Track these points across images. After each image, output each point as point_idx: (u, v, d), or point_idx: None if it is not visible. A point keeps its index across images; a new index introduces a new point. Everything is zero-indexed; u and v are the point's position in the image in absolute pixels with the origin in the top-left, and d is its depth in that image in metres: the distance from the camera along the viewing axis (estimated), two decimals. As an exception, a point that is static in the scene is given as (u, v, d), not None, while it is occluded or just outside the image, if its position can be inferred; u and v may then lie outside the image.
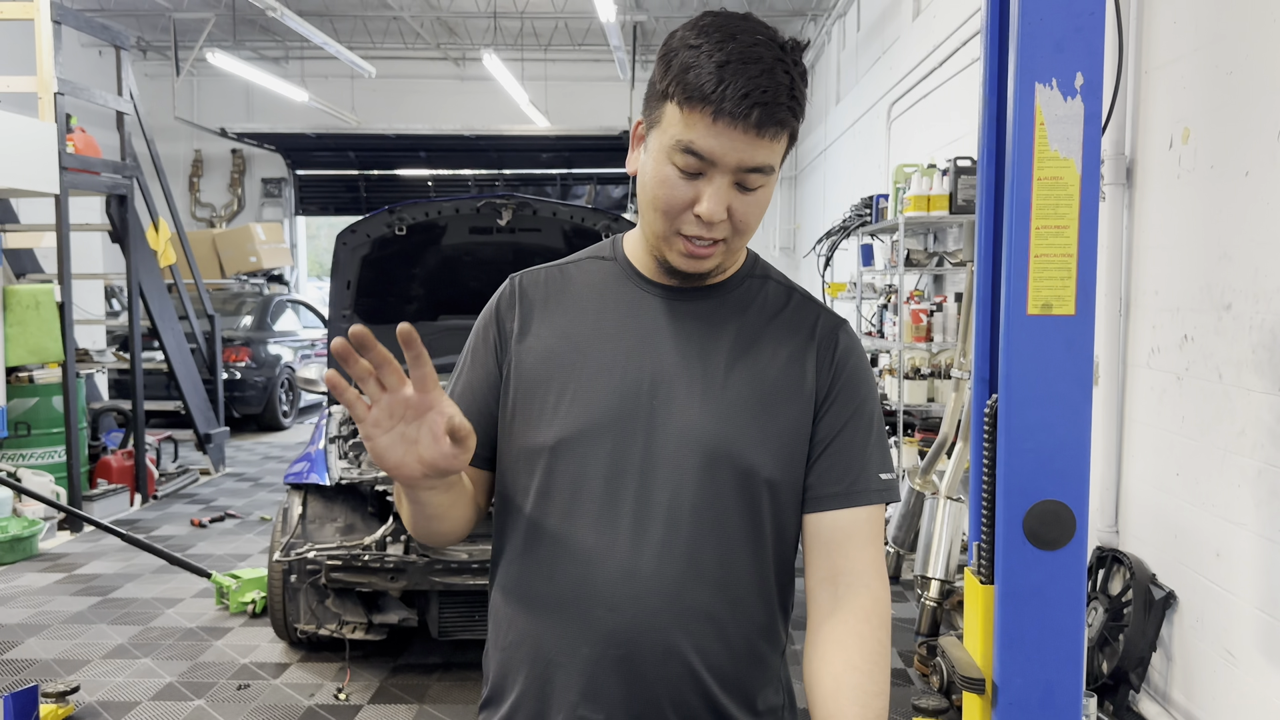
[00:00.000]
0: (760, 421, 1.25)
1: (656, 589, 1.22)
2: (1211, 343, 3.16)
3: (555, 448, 1.25)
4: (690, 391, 1.25)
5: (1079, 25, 1.96)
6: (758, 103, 1.11)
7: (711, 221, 1.18)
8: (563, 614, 1.24)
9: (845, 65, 10.90)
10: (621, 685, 1.23)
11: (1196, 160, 3.25)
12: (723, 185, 1.17)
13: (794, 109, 1.17)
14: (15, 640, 4.47)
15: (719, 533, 1.24)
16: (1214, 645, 3.14)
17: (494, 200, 4.23)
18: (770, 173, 1.19)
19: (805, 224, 13.76)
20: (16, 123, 5.97)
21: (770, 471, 1.25)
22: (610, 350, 1.28)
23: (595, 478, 1.24)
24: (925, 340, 5.72)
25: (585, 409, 1.25)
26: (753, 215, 1.21)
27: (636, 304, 1.31)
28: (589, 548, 1.23)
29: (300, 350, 11.29)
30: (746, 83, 1.11)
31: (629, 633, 1.21)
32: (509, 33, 14.13)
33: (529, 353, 1.30)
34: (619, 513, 1.23)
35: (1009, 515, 2.07)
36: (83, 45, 12.62)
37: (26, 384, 6.53)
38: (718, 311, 1.30)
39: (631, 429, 1.24)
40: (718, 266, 1.26)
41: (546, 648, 1.26)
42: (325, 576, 3.81)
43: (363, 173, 16.25)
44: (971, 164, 4.96)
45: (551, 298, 1.34)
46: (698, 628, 1.23)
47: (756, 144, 1.15)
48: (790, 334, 1.31)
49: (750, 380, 1.26)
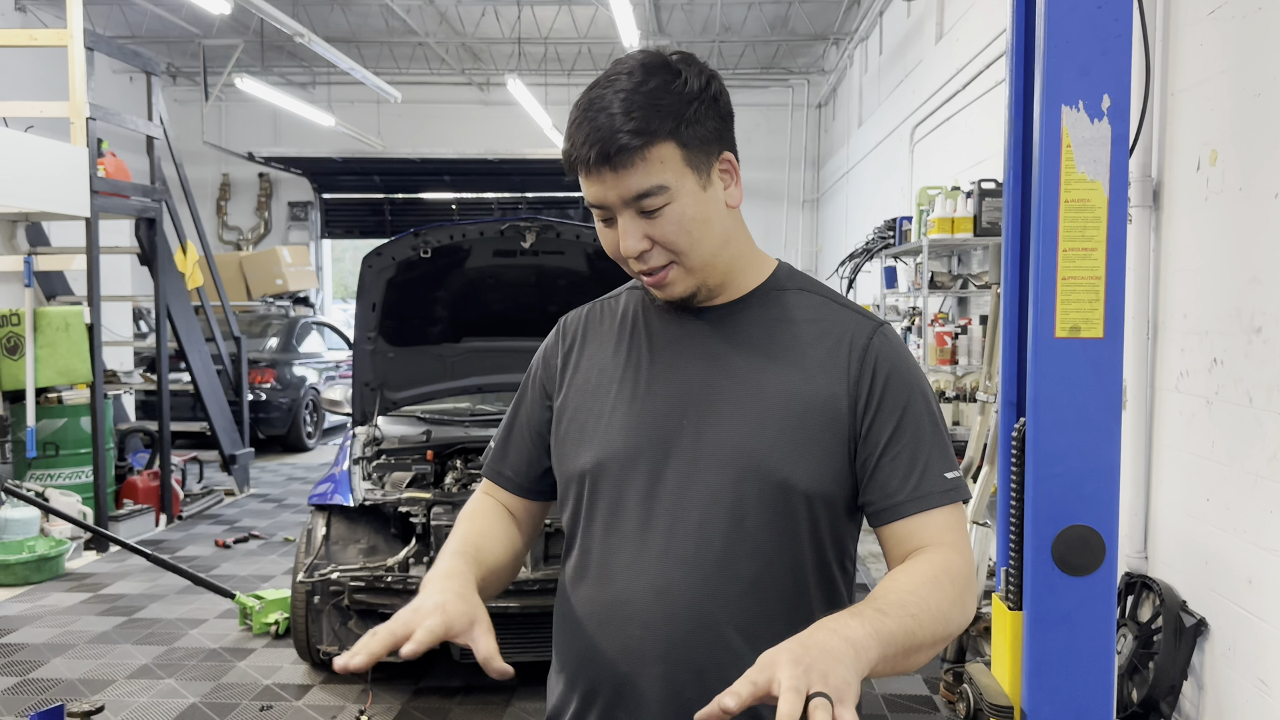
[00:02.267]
0: (793, 434, 1.25)
1: (689, 606, 1.23)
2: (1241, 366, 3.12)
3: (593, 471, 1.30)
4: (720, 410, 1.27)
5: (1105, 48, 1.96)
6: (593, 144, 1.18)
7: (631, 255, 1.23)
8: (602, 634, 1.28)
9: (868, 89, 10.91)
10: (660, 702, 1.24)
11: (1225, 182, 3.23)
12: (627, 222, 1.22)
13: (639, 126, 1.17)
14: (41, 659, 4.50)
15: (752, 548, 1.24)
16: (1246, 674, 3.09)
17: (518, 223, 4.25)
18: (660, 192, 1.19)
19: (828, 246, 13.75)
20: (49, 147, 6.07)
21: (808, 484, 1.24)
22: (642, 375, 1.32)
23: (631, 499, 1.28)
24: (950, 363, 5.68)
25: (620, 433, 1.30)
26: (673, 234, 1.22)
27: (665, 327, 1.34)
28: (625, 567, 1.27)
29: (325, 372, 11.36)
30: (588, 130, 1.19)
31: (663, 649, 1.23)
32: (533, 58, 14.24)
33: (571, 387, 1.37)
34: (653, 532, 1.26)
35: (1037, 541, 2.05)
36: (114, 71, 12.83)
37: (55, 405, 6.61)
38: (744, 327, 1.31)
39: (665, 450, 1.27)
40: (699, 286, 1.28)
41: (590, 667, 1.29)
42: (348, 598, 3.81)
43: (387, 196, 16.40)
44: (996, 186, 4.95)
45: (590, 332, 1.41)
46: (733, 643, 1.23)
47: (618, 177, 1.19)
48: (822, 344, 1.29)
49: (782, 393, 1.26)
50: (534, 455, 1.43)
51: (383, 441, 4.56)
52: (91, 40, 6.59)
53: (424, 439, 4.55)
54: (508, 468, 1.46)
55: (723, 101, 1.25)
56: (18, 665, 4.42)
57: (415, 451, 4.47)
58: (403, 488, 4.17)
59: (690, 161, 1.20)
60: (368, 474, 4.33)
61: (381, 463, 4.41)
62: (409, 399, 4.99)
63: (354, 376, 4.81)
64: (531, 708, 3.94)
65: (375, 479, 4.29)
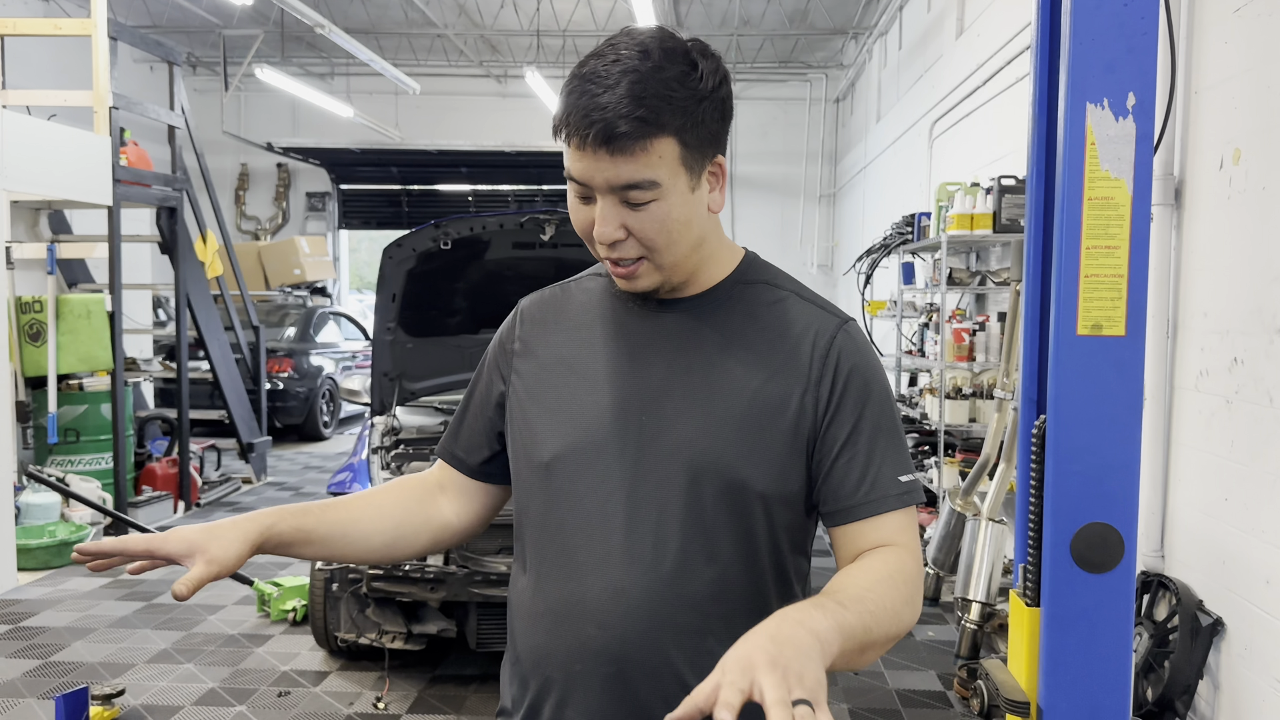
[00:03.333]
0: (749, 434, 1.22)
1: (645, 606, 1.21)
2: (1262, 366, 3.11)
3: (550, 465, 1.27)
4: (678, 406, 1.24)
5: (1131, 45, 1.96)
6: (596, 122, 1.10)
7: (605, 242, 1.18)
8: (557, 631, 1.25)
9: (886, 83, 10.87)
10: (614, 702, 1.22)
11: (1248, 181, 3.22)
12: (607, 207, 1.16)
13: (647, 116, 1.11)
14: (62, 643, 4.55)
15: (708, 548, 1.22)
16: (1263, 674, 3.08)
17: (538, 215, 4.26)
18: (650, 187, 1.14)
19: (844, 242, 13.72)
20: (72, 136, 6.13)
21: (763, 485, 1.22)
22: (600, 368, 1.29)
23: (587, 495, 1.25)
24: (967, 360, 5.67)
25: (577, 426, 1.27)
26: (652, 231, 1.17)
27: (624, 320, 1.31)
28: (580, 565, 1.24)
29: (341, 362, 11.41)
30: (587, 102, 1.11)
31: (619, 649, 1.21)
32: (551, 50, 14.25)
33: (528, 373, 1.33)
34: (609, 530, 1.23)
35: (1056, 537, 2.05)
36: (134, 61, 12.89)
37: (77, 391, 6.66)
38: (705, 322, 1.28)
39: (621, 446, 1.24)
40: (663, 283, 1.24)
41: (544, 664, 1.27)
42: (366, 585, 3.84)
43: (404, 188, 16.42)
44: (1016, 183, 4.93)
45: (549, 318, 1.37)
46: (689, 643, 1.21)
47: (613, 162, 1.12)
48: (784, 341, 1.26)
49: (739, 392, 1.23)
50: (486, 438, 1.40)
51: (401, 431, 4.59)
52: (115, 30, 6.63)
53: (441, 429, 4.57)
54: (459, 449, 1.43)
55: (729, 104, 1.21)
56: (39, 648, 4.48)
57: (433, 441, 4.50)
58: (421, 477, 4.20)
59: (686, 161, 1.16)
60: (386, 463, 4.36)
61: (400, 452, 4.44)
62: (427, 389, 5.02)
63: (373, 366, 4.84)
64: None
65: (393, 468, 4.32)
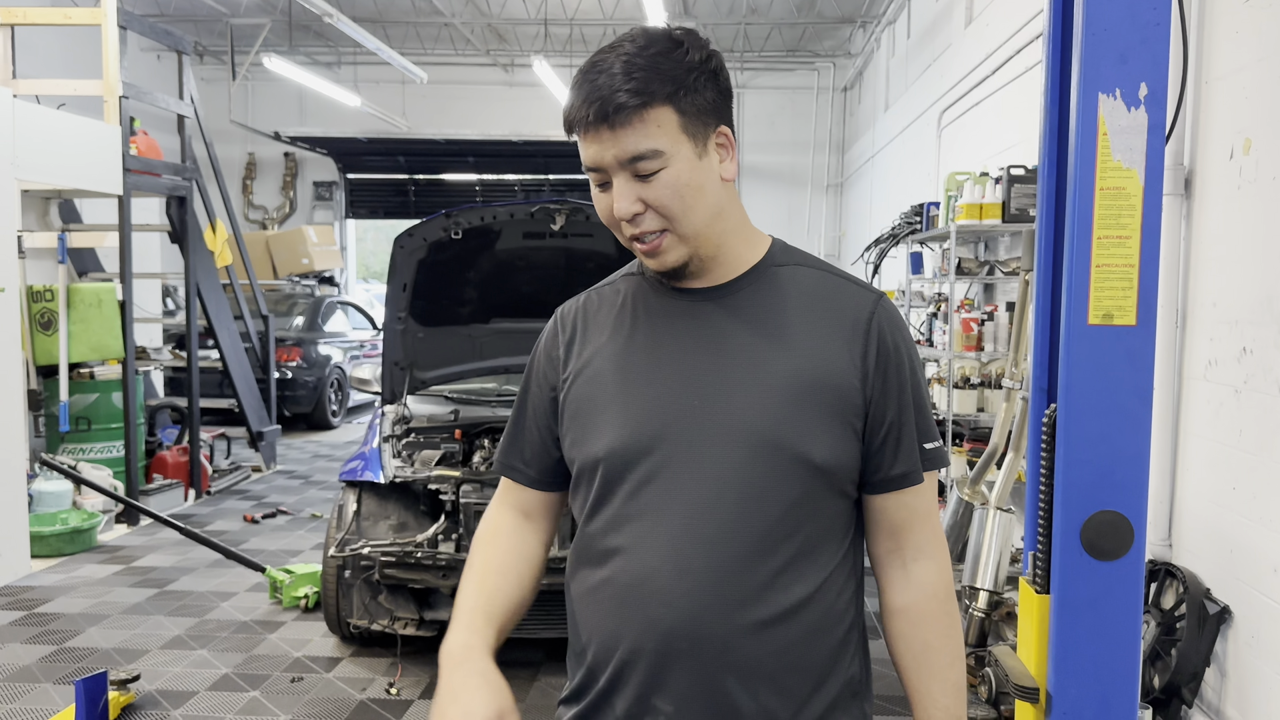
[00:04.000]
0: (805, 408, 1.28)
1: (710, 583, 1.25)
2: (1271, 356, 3.12)
3: (607, 458, 1.32)
4: (731, 388, 1.29)
5: (1144, 36, 1.96)
6: (593, 101, 1.21)
7: (623, 217, 1.25)
8: (626, 614, 1.29)
9: (894, 72, 10.85)
10: (688, 676, 1.26)
11: (1258, 171, 3.22)
12: (621, 184, 1.24)
13: (638, 87, 1.20)
14: (77, 629, 4.60)
15: (769, 521, 1.27)
16: (1270, 662, 3.10)
17: (548, 205, 4.27)
18: (655, 156, 1.22)
19: (851, 231, 13.71)
20: (83, 125, 6.15)
21: (822, 457, 1.28)
22: (649, 359, 1.34)
23: (648, 482, 1.29)
24: (976, 349, 5.68)
25: (632, 419, 1.31)
26: (666, 198, 1.24)
27: (667, 311, 1.36)
28: (645, 549, 1.28)
29: (350, 351, 11.45)
30: (588, 90, 1.22)
31: (689, 626, 1.25)
32: (558, 39, 14.23)
33: (576, 377, 1.38)
34: (671, 513, 1.28)
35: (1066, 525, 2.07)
36: (142, 50, 12.89)
37: (88, 380, 6.70)
38: (744, 305, 1.34)
39: (678, 431, 1.29)
40: (690, 256, 1.30)
41: (619, 644, 1.30)
42: (379, 572, 3.87)
43: (411, 177, 16.45)
44: (1025, 172, 4.93)
45: (590, 321, 1.42)
46: (756, 615, 1.26)
47: (615, 136, 1.22)
48: (826, 317, 1.32)
49: (789, 369, 1.29)
50: (545, 447, 1.44)
51: (411, 420, 4.61)
52: (124, 19, 6.64)
53: (452, 418, 4.60)
54: (520, 462, 1.47)
55: (722, 77, 1.28)
56: (54, 634, 4.52)
57: (443, 430, 4.52)
58: (432, 466, 4.22)
59: (686, 129, 1.23)
60: (397, 452, 4.39)
61: (411, 441, 4.47)
62: (437, 379, 5.04)
63: (384, 356, 4.86)
64: (558, 683, 3.99)
65: (405, 457, 4.35)
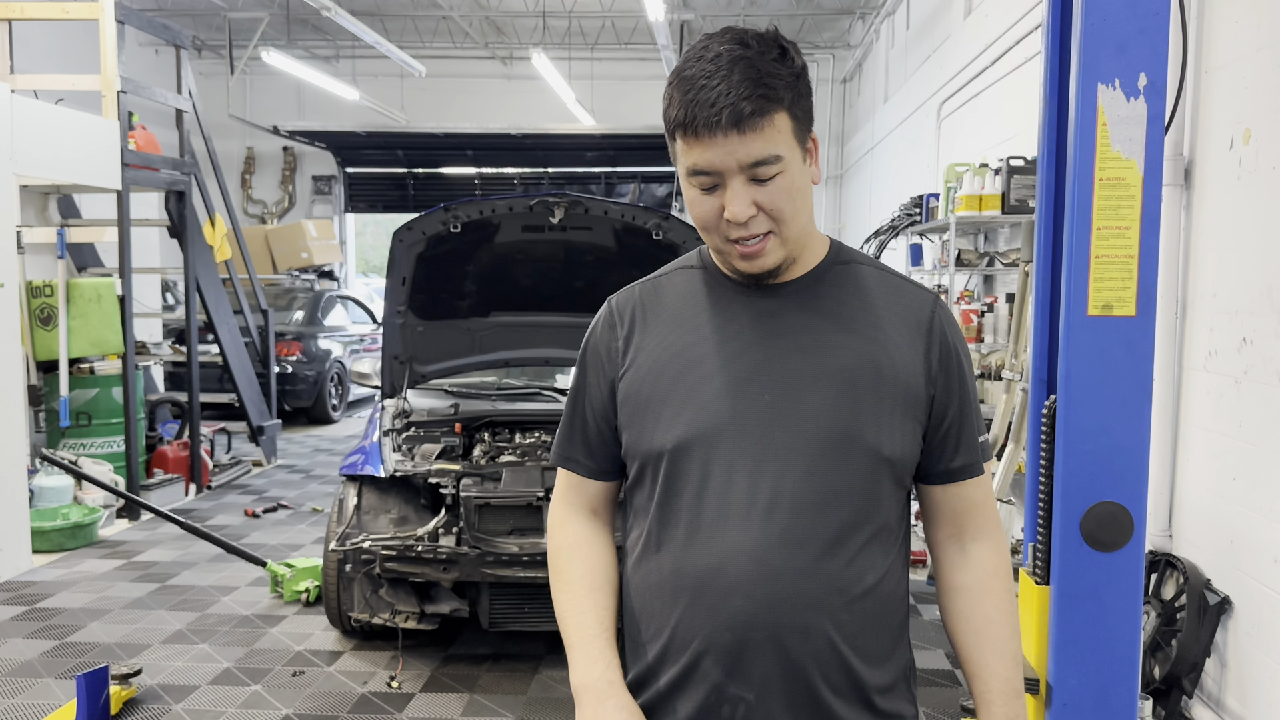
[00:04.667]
0: (873, 402, 1.32)
1: (788, 573, 1.28)
2: (1271, 346, 3.12)
3: (675, 451, 1.33)
4: (801, 382, 1.32)
5: (1143, 26, 1.96)
6: (724, 107, 1.21)
7: (739, 221, 1.26)
8: (701, 605, 1.31)
9: (894, 64, 10.83)
10: (767, 664, 1.29)
11: (1258, 161, 3.21)
12: (738, 186, 1.25)
13: (766, 94, 1.22)
14: (79, 624, 4.60)
15: (842, 512, 1.30)
16: (1270, 652, 3.11)
17: (547, 199, 4.27)
18: (776, 161, 1.24)
19: (850, 223, 13.69)
20: (81, 120, 6.14)
21: (891, 449, 1.32)
22: (716, 352, 1.35)
23: (719, 473, 1.31)
24: (975, 341, 5.68)
25: (701, 411, 1.32)
26: (782, 201, 1.26)
27: (732, 305, 1.37)
28: (720, 540, 1.30)
29: (349, 345, 11.44)
30: (710, 95, 1.21)
31: (768, 616, 1.28)
32: (556, 32, 14.20)
33: (637, 368, 1.39)
34: (745, 503, 1.29)
35: (1066, 516, 2.07)
36: (140, 45, 12.87)
37: (88, 375, 6.70)
38: (812, 302, 1.36)
39: (749, 423, 1.31)
40: (785, 259, 1.32)
41: (689, 637, 1.32)
42: (379, 566, 3.88)
43: (410, 171, 16.42)
44: (1025, 163, 4.92)
45: (649, 312, 1.42)
46: (834, 602, 1.29)
47: (743, 141, 1.22)
48: (890, 315, 1.36)
49: (857, 363, 1.32)
50: (605, 439, 1.44)
51: (411, 414, 4.61)
52: (121, 13, 6.63)
53: (452, 412, 4.60)
54: (579, 454, 1.47)
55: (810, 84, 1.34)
56: (56, 629, 4.53)
57: (444, 424, 4.53)
58: (432, 459, 4.22)
59: (798, 134, 1.27)
60: (397, 446, 4.39)
61: (411, 435, 4.47)
62: (437, 372, 5.04)
63: (383, 350, 4.86)
64: (559, 676, 4.00)
65: (405, 451, 4.35)
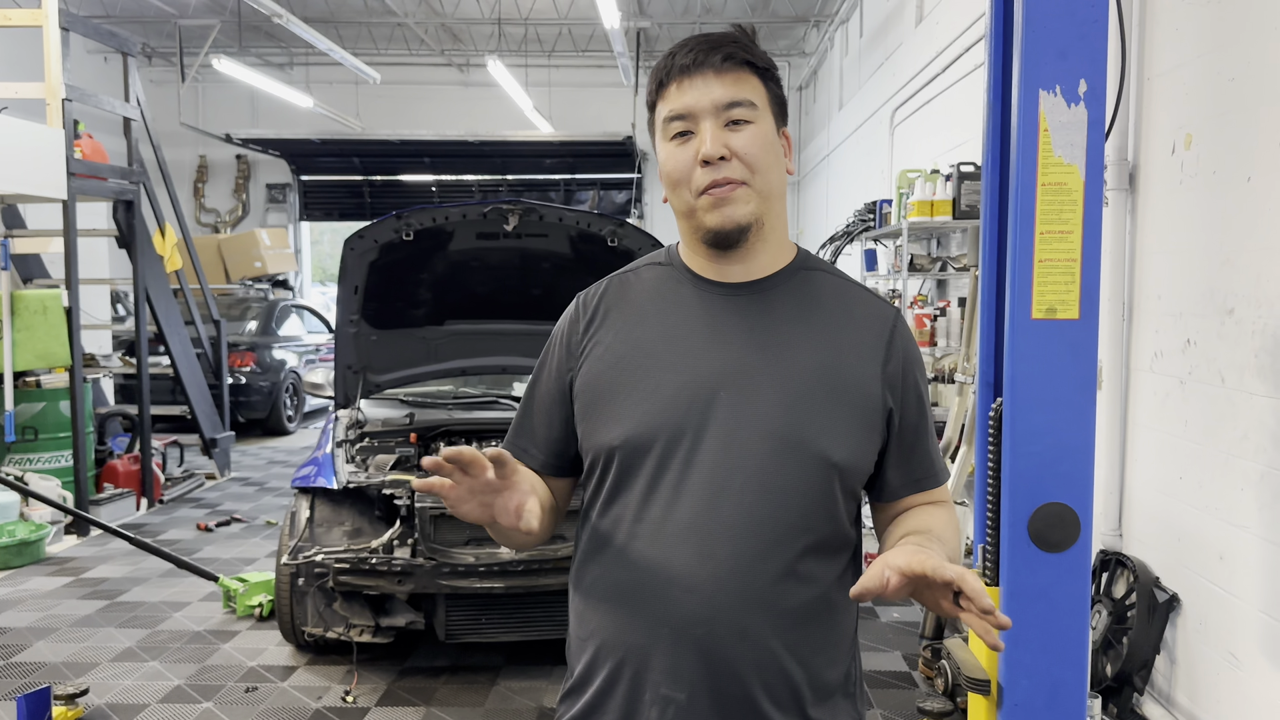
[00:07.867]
0: (828, 408, 1.31)
1: (732, 570, 1.28)
2: (1214, 347, 3.18)
3: (624, 445, 1.33)
4: (758, 382, 1.31)
5: (1082, 32, 1.99)
6: (703, 49, 1.29)
7: (713, 159, 1.28)
8: (642, 598, 1.31)
9: (848, 71, 10.93)
10: (702, 663, 1.28)
11: (1199, 166, 3.27)
12: (712, 128, 1.29)
13: (743, 54, 1.30)
14: (24, 643, 4.49)
15: (790, 515, 1.30)
16: (1217, 648, 3.16)
17: (500, 206, 4.24)
18: (751, 106, 1.29)
19: (808, 229, 13.79)
20: (25, 129, 6.02)
21: (840, 456, 1.31)
22: (675, 349, 1.35)
23: (670, 470, 1.31)
24: (929, 345, 5.73)
25: (654, 406, 1.32)
26: (755, 148, 1.29)
27: (696, 303, 1.38)
28: (666, 534, 1.30)
29: (305, 355, 11.31)
30: (693, 44, 1.31)
31: (707, 612, 1.27)
32: (513, 39, 14.17)
33: (598, 361, 1.38)
34: (694, 500, 1.29)
35: (1013, 518, 2.09)
36: (88, 52, 12.68)
37: (34, 388, 6.56)
38: (776, 304, 1.36)
39: (703, 422, 1.31)
40: (754, 218, 1.32)
41: (628, 632, 1.32)
42: (333, 579, 3.83)
43: (367, 178, 16.30)
44: (975, 169, 4.98)
45: (614, 307, 1.42)
46: (773, 605, 1.29)
47: (720, 81, 1.28)
48: (851, 325, 1.37)
49: (816, 369, 1.33)
50: (555, 431, 1.44)
51: (365, 424, 4.56)
52: (67, 20, 6.51)
53: (407, 422, 4.55)
54: (528, 443, 1.46)
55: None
56: (0, 649, 4.42)
57: (398, 434, 4.48)
58: (386, 470, 4.18)
59: (771, 106, 1.33)
60: (351, 457, 4.33)
61: (365, 445, 4.42)
62: (392, 382, 4.99)
63: (336, 359, 4.80)
64: (517, 686, 3.97)
65: (358, 462, 4.30)
